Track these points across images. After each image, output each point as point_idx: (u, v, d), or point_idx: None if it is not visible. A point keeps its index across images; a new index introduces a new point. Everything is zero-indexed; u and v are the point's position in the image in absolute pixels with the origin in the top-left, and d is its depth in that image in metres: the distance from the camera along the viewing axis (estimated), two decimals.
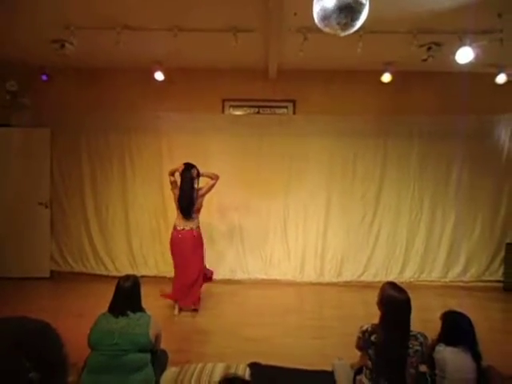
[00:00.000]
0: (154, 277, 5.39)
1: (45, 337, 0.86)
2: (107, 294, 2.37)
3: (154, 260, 5.54)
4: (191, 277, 4.21)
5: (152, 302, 2.77)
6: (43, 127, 5.37)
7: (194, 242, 4.26)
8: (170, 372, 2.41)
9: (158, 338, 2.34)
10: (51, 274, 5.48)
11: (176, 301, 4.27)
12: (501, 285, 5.36)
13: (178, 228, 4.24)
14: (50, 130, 5.39)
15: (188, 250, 4.21)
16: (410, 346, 2.04)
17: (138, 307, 2.33)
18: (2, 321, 0.84)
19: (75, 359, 2.18)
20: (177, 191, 4.23)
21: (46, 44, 4.22)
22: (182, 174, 4.23)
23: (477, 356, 2.19)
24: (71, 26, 3.86)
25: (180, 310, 4.27)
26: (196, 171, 4.27)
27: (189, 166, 4.25)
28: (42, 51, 4.54)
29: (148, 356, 2.23)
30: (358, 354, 2.26)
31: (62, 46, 4.09)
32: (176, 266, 4.31)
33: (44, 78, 5.18)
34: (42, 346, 0.83)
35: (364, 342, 2.13)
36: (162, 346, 2.51)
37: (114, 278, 4.49)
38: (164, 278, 5.46)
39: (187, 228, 4.23)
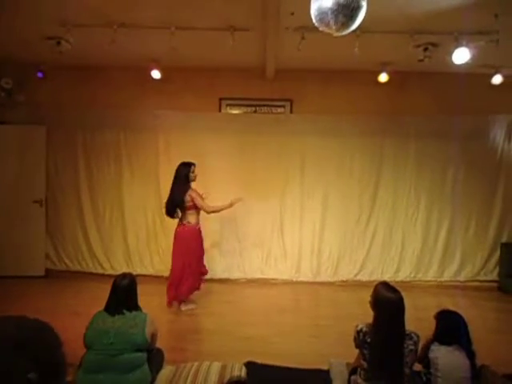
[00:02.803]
0: (150, 275, 5.38)
1: (44, 337, 0.85)
2: (103, 292, 2.36)
3: (149, 259, 5.53)
4: (178, 270, 4.21)
5: (148, 300, 2.76)
6: (39, 124, 5.34)
7: (185, 236, 4.23)
8: (166, 371, 2.40)
9: (154, 336, 2.33)
10: (46, 273, 5.45)
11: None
12: (496, 284, 5.39)
13: (179, 223, 4.30)
14: (45, 128, 5.36)
15: (179, 245, 4.23)
16: (405, 345, 2.04)
17: (134, 306, 2.32)
18: (1, 320, 0.83)
19: (71, 359, 2.19)
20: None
21: (41, 41, 4.20)
22: (176, 170, 4.26)
23: (471, 355, 2.20)
24: (67, 23, 3.84)
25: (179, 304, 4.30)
26: (193, 168, 4.27)
27: (187, 163, 4.28)
28: (37, 48, 4.51)
29: (144, 355, 2.22)
30: (356, 353, 2.26)
31: (58, 43, 4.07)
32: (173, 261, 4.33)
33: (39, 75, 5.15)
34: (41, 346, 0.83)
35: (359, 341, 2.13)
36: (158, 344, 2.50)
37: (109, 276, 4.49)
38: (160, 277, 5.45)
39: (183, 223, 4.25)
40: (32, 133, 5.35)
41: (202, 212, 4.34)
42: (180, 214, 4.29)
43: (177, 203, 4.22)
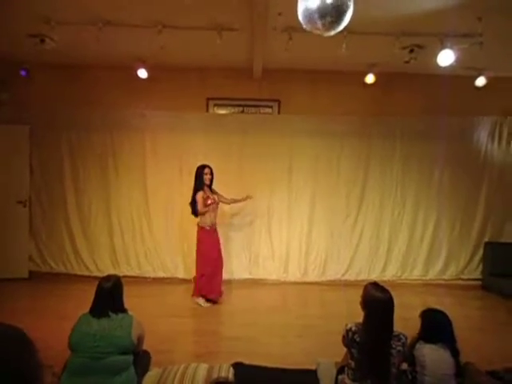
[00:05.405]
0: (137, 277, 5.33)
1: (17, 344, 0.80)
2: (88, 295, 2.32)
3: (136, 260, 5.46)
4: None
5: (135, 302, 2.73)
6: (22, 124, 5.23)
7: (197, 235, 4.59)
8: (153, 373, 2.38)
9: (140, 339, 2.30)
10: (30, 275, 5.34)
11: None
12: (479, 283, 5.49)
13: None
14: (29, 128, 5.25)
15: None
16: (393, 346, 2.05)
17: (119, 308, 2.28)
18: None
19: (54, 362, 2.15)
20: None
21: (25, 38, 4.11)
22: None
23: (455, 352, 2.23)
24: (51, 20, 3.76)
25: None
26: (206, 170, 4.50)
27: (200, 166, 4.54)
28: (21, 46, 4.42)
29: (130, 358, 2.19)
30: (343, 352, 2.27)
31: (42, 41, 3.99)
32: None
33: (23, 73, 5.03)
34: (14, 355, 0.77)
35: (348, 340, 2.14)
36: (145, 346, 2.47)
37: (95, 278, 4.39)
38: (147, 278, 5.41)
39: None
40: (15, 132, 5.23)
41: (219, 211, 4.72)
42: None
43: (191, 204, 4.47)
